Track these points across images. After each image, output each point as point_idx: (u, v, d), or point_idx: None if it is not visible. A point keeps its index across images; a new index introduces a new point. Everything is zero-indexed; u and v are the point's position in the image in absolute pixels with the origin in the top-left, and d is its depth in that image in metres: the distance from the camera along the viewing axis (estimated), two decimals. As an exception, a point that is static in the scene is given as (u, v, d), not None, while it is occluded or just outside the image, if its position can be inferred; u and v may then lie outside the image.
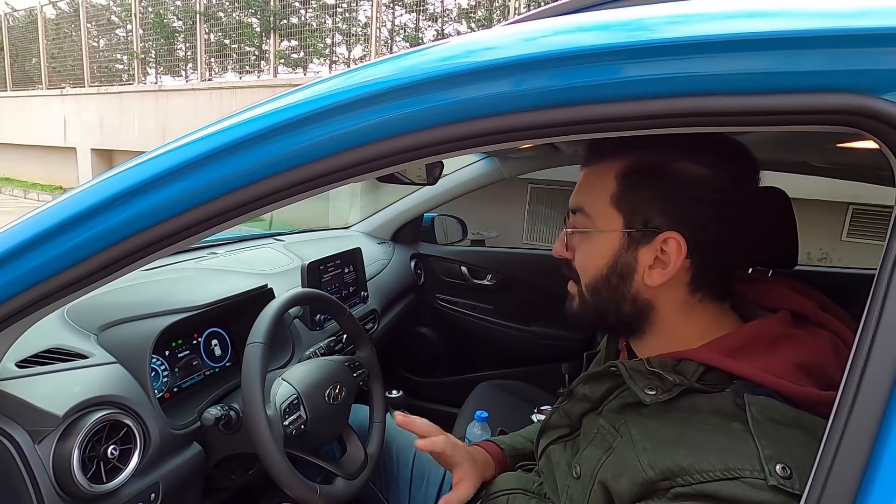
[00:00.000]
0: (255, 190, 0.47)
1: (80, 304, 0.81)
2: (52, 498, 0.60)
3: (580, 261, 0.57)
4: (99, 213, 0.50)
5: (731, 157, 0.53)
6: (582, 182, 0.58)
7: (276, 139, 0.46)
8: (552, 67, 0.39)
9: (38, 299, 0.55)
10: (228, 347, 1.03)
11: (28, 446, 0.60)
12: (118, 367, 0.73)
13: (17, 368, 0.66)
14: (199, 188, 0.48)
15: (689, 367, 0.51)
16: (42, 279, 0.53)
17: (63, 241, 0.52)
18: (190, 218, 0.49)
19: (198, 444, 0.82)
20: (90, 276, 0.53)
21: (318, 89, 0.46)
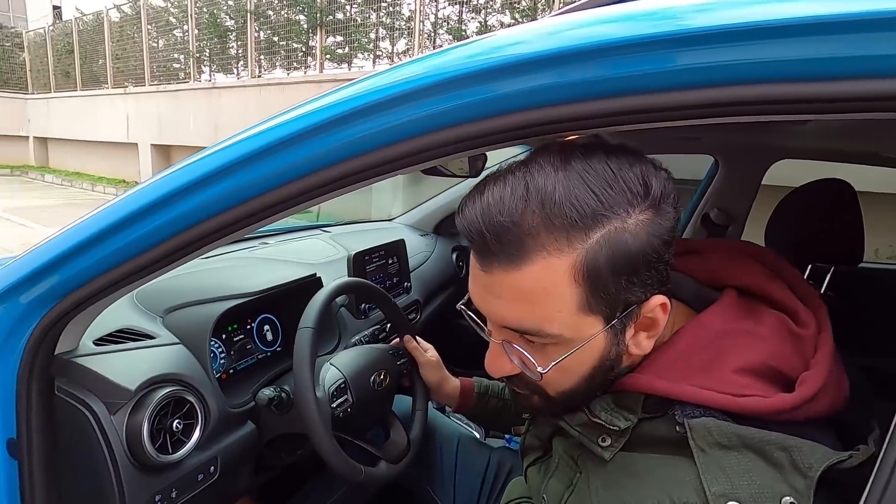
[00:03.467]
0: (306, 183, 0.49)
1: (148, 288, 0.87)
2: (125, 465, 0.66)
3: (554, 378, 0.47)
4: (167, 204, 0.54)
5: (644, 187, 0.42)
6: (506, 295, 0.43)
7: (324, 134, 0.48)
8: (604, 57, 0.38)
9: (112, 283, 0.60)
10: (279, 333, 1.08)
11: (105, 417, 0.65)
12: (181, 348, 0.79)
13: (94, 346, 0.72)
14: (255, 180, 0.51)
15: (629, 399, 0.47)
16: (116, 264, 0.59)
17: (135, 229, 0.56)
18: (247, 209, 0.52)
19: (251, 423, 0.86)
20: (158, 262, 0.58)
21: (363, 86, 0.47)
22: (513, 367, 0.48)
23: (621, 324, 0.44)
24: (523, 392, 0.52)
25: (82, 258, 0.61)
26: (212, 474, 0.78)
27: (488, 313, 0.47)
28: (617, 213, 0.40)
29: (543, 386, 0.48)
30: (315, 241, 1.46)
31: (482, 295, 0.45)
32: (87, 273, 0.61)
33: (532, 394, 0.51)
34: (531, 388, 0.50)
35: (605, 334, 0.44)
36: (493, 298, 0.44)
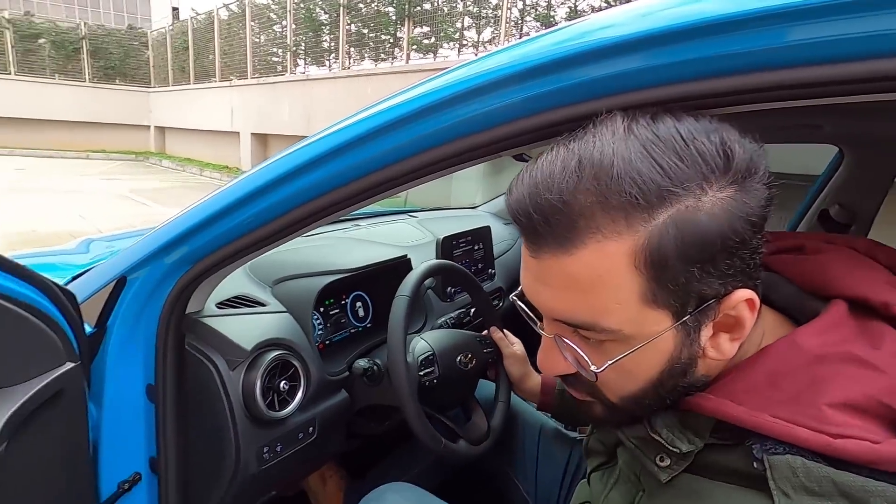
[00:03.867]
0: (404, 166, 0.52)
1: (259, 261, 0.95)
2: (241, 417, 0.73)
3: (613, 379, 0.42)
4: (281, 184, 0.59)
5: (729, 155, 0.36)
6: (557, 283, 0.38)
7: (421, 121, 0.49)
8: (703, 36, 0.36)
9: (234, 252, 0.67)
10: (370, 310, 1.13)
11: (225, 371, 0.73)
12: (288, 316, 0.85)
13: (217, 308, 0.80)
14: (359, 163, 0.54)
15: (698, 422, 0.41)
16: (238, 236, 0.66)
17: (254, 206, 0.63)
18: (351, 189, 0.56)
19: (345, 392, 0.92)
20: (272, 236, 0.64)
21: (455, 75, 0.48)
22: (567, 365, 0.43)
23: (695, 321, 0.38)
24: (583, 397, 0.47)
25: (211, 229, 0.68)
26: (310, 434, 0.84)
27: (539, 304, 0.42)
28: (688, 190, 0.34)
29: (603, 390, 0.43)
30: (403, 225, 1.51)
31: (532, 283, 0.41)
32: (215, 242, 0.68)
33: (593, 400, 0.46)
34: (590, 391, 0.45)
35: (674, 332, 0.38)
36: (542, 287, 0.40)
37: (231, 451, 0.73)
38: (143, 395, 0.76)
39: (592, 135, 0.37)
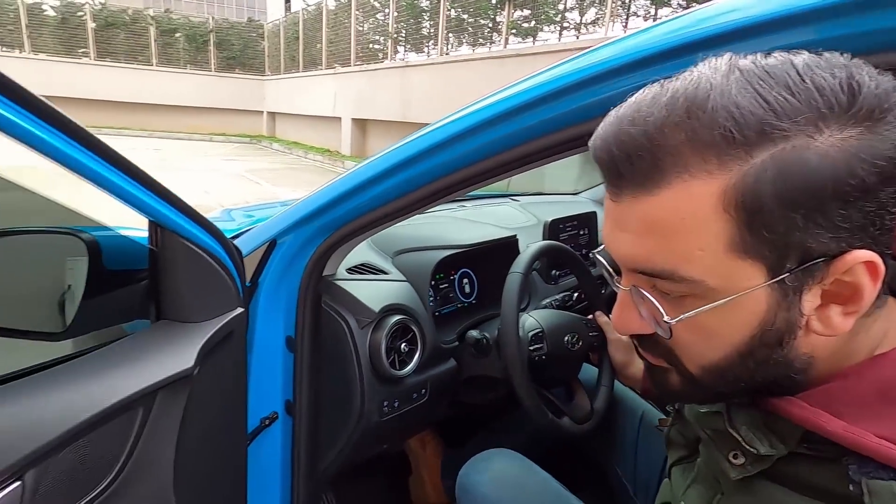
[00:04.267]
0: (523, 150, 0.54)
1: (380, 234, 1.03)
2: (367, 371, 0.81)
3: (692, 342, 0.37)
4: (412, 163, 0.65)
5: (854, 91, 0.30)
6: (636, 227, 0.35)
7: (548, 105, 0.51)
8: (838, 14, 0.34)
9: (366, 224, 0.75)
10: (475, 287, 1.18)
11: (356, 329, 0.81)
12: (408, 285, 0.92)
13: (347, 273, 0.89)
14: (479, 147, 0.58)
15: (785, 427, 0.36)
16: (370, 210, 0.73)
17: (387, 182, 0.70)
18: (477, 169, 0.60)
19: (453, 361, 0.97)
20: (401, 210, 0.71)
21: (579, 62, 0.49)
22: (641, 323, 0.39)
23: (796, 281, 0.32)
24: (658, 364, 0.42)
25: (350, 202, 0.76)
26: (422, 396, 0.91)
27: (615, 252, 0.38)
28: (798, 127, 0.29)
29: (680, 355, 0.39)
30: (507, 208, 1.54)
31: (611, 231, 0.37)
32: (352, 213, 0.76)
33: (669, 367, 0.41)
34: (666, 355, 0.40)
35: (767, 290, 0.33)
36: (621, 234, 0.36)
37: (357, 401, 0.81)
38: (282, 346, 0.87)
39: (691, 72, 0.33)
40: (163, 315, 0.61)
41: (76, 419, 0.46)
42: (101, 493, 0.50)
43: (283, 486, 0.91)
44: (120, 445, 0.51)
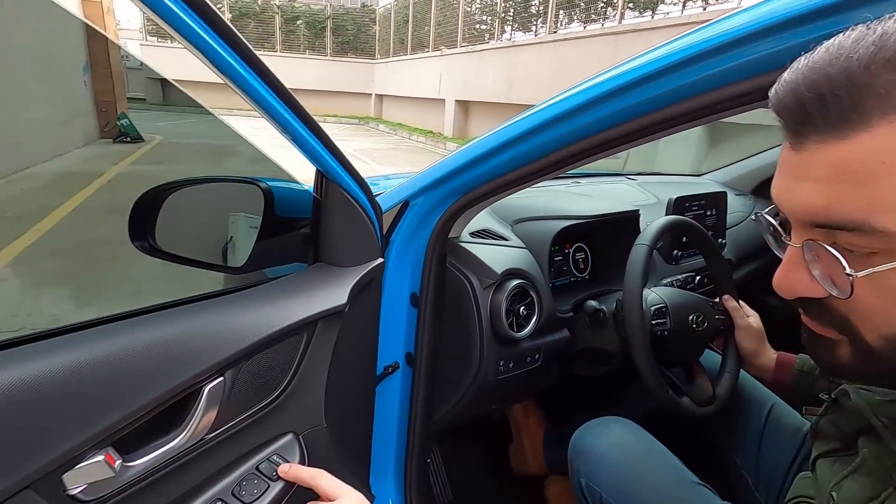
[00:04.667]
0: (650, 119, 0.54)
1: (500, 203, 1.06)
2: (487, 330, 0.85)
3: (876, 306, 0.34)
4: (542, 130, 0.66)
5: None
6: (821, 175, 0.33)
7: (685, 70, 0.49)
8: None
9: (491, 191, 0.78)
10: (589, 262, 1.16)
11: (479, 290, 0.84)
12: (527, 252, 0.94)
13: (470, 237, 0.92)
14: (606, 116, 0.58)
15: None
16: (496, 177, 0.76)
17: (516, 148, 0.71)
18: (600, 139, 0.60)
19: (567, 331, 0.98)
20: (528, 176, 0.72)
21: (714, 29, 0.46)
22: (812, 284, 0.36)
23: None
24: (825, 333, 0.39)
25: (480, 167, 0.79)
26: (536, 361, 0.93)
27: (793, 205, 0.36)
28: None
29: (858, 322, 0.35)
30: (624, 186, 1.49)
31: (786, 183, 0.35)
32: (481, 178, 0.79)
33: (838, 338, 0.38)
34: (838, 323, 0.37)
35: None
36: (800, 184, 0.34)
37: (476, 358, 0.86)
38: (407, 301, 0.93)
39: None
40: (319, 258, 0.69)
41: (261, 333, 0.54)
42: (271, 402, 0.59)
43: (400, 432, 0.99)
44: (288, 363, 0.60)
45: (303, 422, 0.64)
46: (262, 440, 0.60)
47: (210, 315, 0.52)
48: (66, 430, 0.39)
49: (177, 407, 0.49)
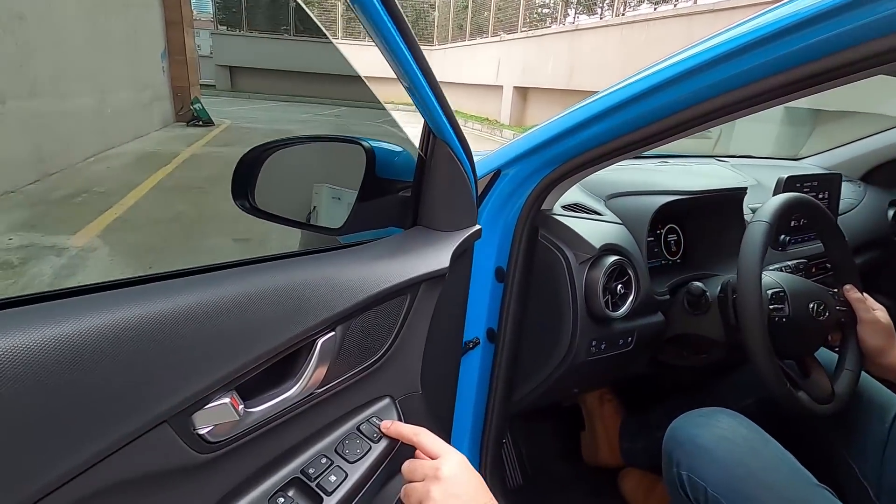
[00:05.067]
0: (753, 89, 0.52)
1: (590, 179, 1.00)
2: (581, 308, 0.80)
3: None
4: (643, 98, 0.63)
5: None
6: None
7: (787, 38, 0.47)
8: None
9: (592, 160, 0.74)
10: (682, 245, 1.09)
11: (574, 264, 0.80)
12: (624, 228, 0.88)
13: (563, 210, 0.88)
14: (710, 85, 0.56)
15: None
16: (589, 149, 0.72)
17: (617, 116, 0.67)
18: (699, 110, 0.58)
19: (661, 314, 0.92)
20: (627, 146, 0.67)
21: None
22: None
23: None
24: None
25: (578, 136, 0.75)
26: (628, 344, 0.87)
27: None
28: None
29: None
30: (715, 167, 1.38)
31: None
32: (579, 147, 0.75)
33: None
34: None
35: None
36: None
37: (567, 337, 0.81)
38: (492, 275, 0.90)
39: None
40: (418, 222, 0.67)
41: (370, 290, 0.53)
42: (373, 364, 0.57)
43: (476, 411, 0.97)
44: (390, 325, 0.58)
45: (399, 386, 0.63)
46: (361, 402, 0.59)
47: (322, 269, 0.51)
48: (199, 370, 0.39)
49: (291, 359, 0.48)
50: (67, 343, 0.32)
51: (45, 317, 0.32)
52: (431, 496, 0.48)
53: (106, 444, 0.34)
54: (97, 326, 0.34)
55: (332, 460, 0.52)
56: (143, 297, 0.37)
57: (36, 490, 0.31)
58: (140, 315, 0.36)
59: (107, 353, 0.34)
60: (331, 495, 0.49)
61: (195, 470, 0.41)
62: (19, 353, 0.30)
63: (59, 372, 0.32)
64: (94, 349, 0.33)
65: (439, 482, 0.49)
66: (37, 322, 0.32)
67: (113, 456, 0.34)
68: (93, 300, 0.35)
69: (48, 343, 0.31)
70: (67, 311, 0.34)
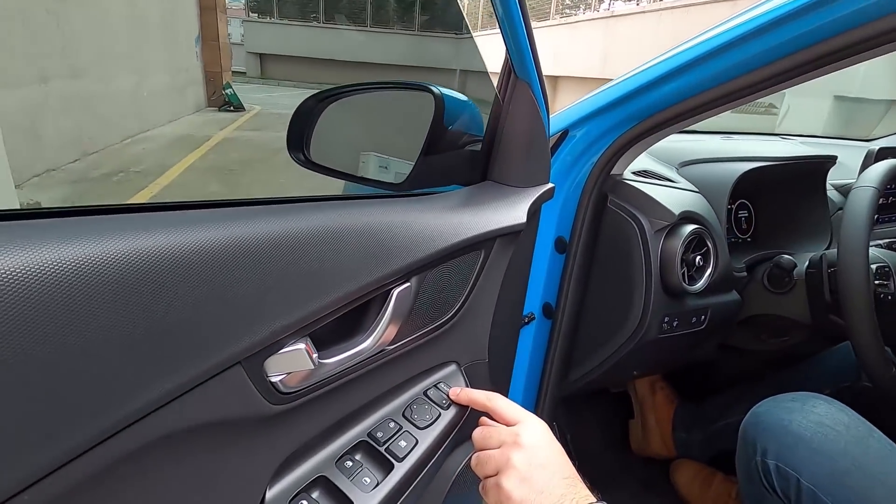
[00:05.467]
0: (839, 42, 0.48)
1: (656, 148, 0.93)
2: (655, 280, 0.74)
3: None
4: (722, 52, 0.60)
5: None
6: None
7: None
8: None
9: (670, 118, 0.68)
10: (752, 222, 1.00)
11: (649, 233, 0.73)
12: (701, 197, 0.81)
13: (634, 175, 0.81)
14: (789, 41, 0.52)
15: None
16: (674, 103, 0.66)
17: (693, 73, 0.62)
18: (781, 66, 0.54)
19: (736, 293, 0.84)
20: (709, 104, 0.63)
21: None
22: None
23: None
24: None
25: (657, 91, 0.69)
26: (700, 322, 0.81)
27: None
28: None
29: None
30: (785, 145, 1.28)
31: None
32: (646, 111, 0.69)
33: None
34: None
35: None
36: None
37: (637, 312, 0.75)
38: (550, 246, 0.84)
39: None
40: (488, 176, 0.62)
41: (448, 240, 0.48)
42: (444, 324, 0.53)
43: (527, 390, 0.92)
44: (463, 281, 0.53)
45: (467, 352, 0.58)
46: (428, 366, 0.54)
47: (400, 212, 0.46)
48: (276, 308, 0.34)
49: (364, 309, 0.44)
50: (144, 259, 0.28)
51: (123, 228, 0.28)
52: (513, 464, 0.43)
53: (177, 383, 0.29)
54: (179, 244, 0.29)
55: (400, 425, 0.48)
56: (228, 219, 0.33)
57: (100, 430, 0.27)
58: (226, 238, 0.31)
59: (186, 275, 0.29)
60: (402, 461, 0.45)
61: (265, 422, 0.37)
62: (96, 263, 0.26)
63: (136, 292, 0.27)
64: (172, 268, 0.29)
65: (521, 449, 0.43)
66: (113, 232, 0.27)
67: (184, 397, 0.30)
68: (169, 217, 0.31)
69: (122, 256, 0.27)
70: (147, 225, 0.29)
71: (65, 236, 0.25)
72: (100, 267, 0.26)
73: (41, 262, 0.24)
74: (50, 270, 0.24)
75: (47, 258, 0.24)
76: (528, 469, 0.42)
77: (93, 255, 0.26)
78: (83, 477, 0.27)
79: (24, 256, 0.24)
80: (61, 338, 0.24)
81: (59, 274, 0.24)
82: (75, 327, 0.25)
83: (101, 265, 0.26)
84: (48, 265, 0.24)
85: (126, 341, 0.27)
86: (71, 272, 0.25)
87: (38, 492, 0.25)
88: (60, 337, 0.24)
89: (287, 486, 0.40)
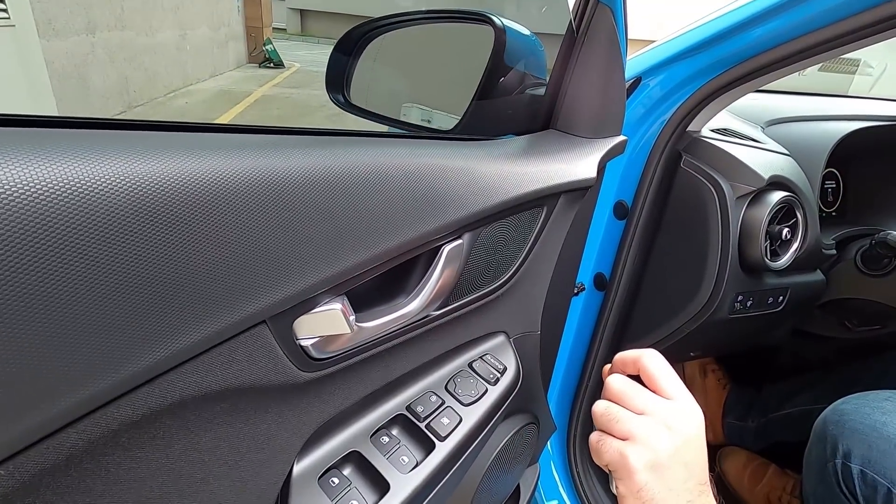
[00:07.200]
0: None
1: (739, 103, 0.82)
2: (732, 252, 0.65)
3: None
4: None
5: None
6: None
7: None
8: None
9: (743, 75, 0.59)
10: (840, 194, 0.89)
11: (730, 199, 0.64)
12: (792, 160, 0.70)
13: (712, 133, 0.71)
14: None
15: None
16: (755, 54, 0.57)
17: (779, 19, 0.54)
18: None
19: (821, 273, 0.74)
20: (793, 57, 0.54)
21: None
22: None
23: None
24: None
25: (732, 41, 0.60)
26: (777, 304, 0.71)
27: None
28: None
29: None
30: (879, 105, 1.13)
31: None
32: (732, 59, 0.60)
33: None
34: None
35: None
36: None
37: (708, 288, 0.67)
38: (609, 210, 0.75)
39: None
40: (552, 124, 0.54)
41: (507, 193, 0.41)
42: (497, 289, 0.46)
43: (570, 366, 0.85)
44: (521, 242, 0.46)
45: (518, 322, 0.52)
46: (474, 336, 0.48)
47: (456, 157, 0.39)
48: (308, 261, 0.28)
49: (408, 267, 0.38)
50: (156, 185, 0.22)
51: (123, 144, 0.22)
52: (653, 445, 0.35)
53: (192, 341, 0.24)
54: (196, 171, 0.23)
55: (442, 400, 0.42)
56: (257, 146, 0.27)
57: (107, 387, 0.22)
58: (251, 169, 0.25)
59: (205, 208, 0.23)
60: (444, 441, 0.40)
61: (293, 390, 0.32)
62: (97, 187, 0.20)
63: (152, 224, 0.22)
64: (187, 200, 0.23)
65: (671, 432, 0.35)
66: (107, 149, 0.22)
67: (202, 357, 0.25)
68: (185, 139, 0.25)
69: (133, 180, 0.21)
70: (158, 144, 0.23)
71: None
72: (103, 190, 0.20)
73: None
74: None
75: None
76: (669, 459, 0.35)
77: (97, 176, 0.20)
78: (89, 438, 0.22)
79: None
80: (63, 273, 0.19)
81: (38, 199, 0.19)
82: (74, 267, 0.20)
83: (100, 188, 0.20)
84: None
85: (134, 282, 0.21)
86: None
87: (38, 454, 0.21)
88: (62, 273, 0.19)
89: (316, 461, 0.36)
